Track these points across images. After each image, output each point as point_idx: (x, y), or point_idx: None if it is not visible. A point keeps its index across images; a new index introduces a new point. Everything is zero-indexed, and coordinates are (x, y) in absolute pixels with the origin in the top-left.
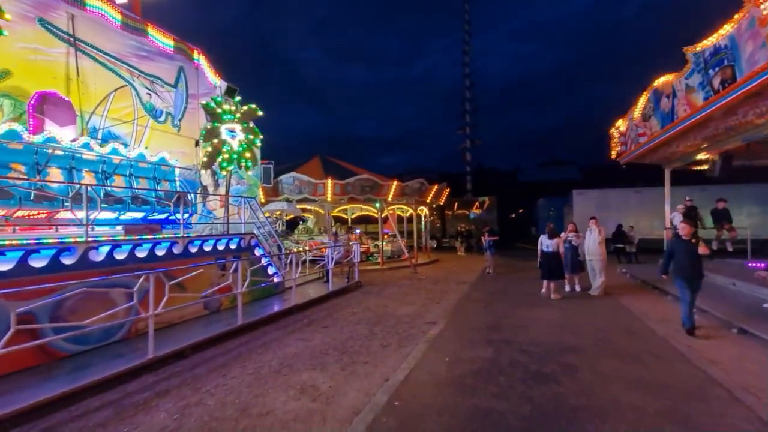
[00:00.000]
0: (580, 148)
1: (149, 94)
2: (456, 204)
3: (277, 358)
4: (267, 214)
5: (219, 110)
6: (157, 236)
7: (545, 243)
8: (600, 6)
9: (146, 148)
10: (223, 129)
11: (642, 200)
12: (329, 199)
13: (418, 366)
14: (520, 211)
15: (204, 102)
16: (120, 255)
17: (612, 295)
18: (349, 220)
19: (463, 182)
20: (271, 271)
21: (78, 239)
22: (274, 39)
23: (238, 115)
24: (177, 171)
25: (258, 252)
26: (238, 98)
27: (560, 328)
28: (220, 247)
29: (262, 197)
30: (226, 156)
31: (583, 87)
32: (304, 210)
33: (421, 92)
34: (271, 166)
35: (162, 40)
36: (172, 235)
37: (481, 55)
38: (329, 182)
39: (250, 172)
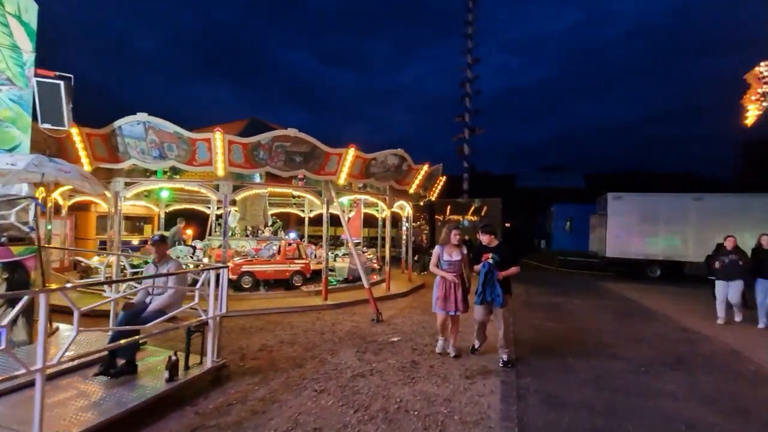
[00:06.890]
0: (575, 158)
1: None
2: (449, 207)
3: None
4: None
5: None
6: None
7: None
8: (589, 25)
9: None
10: None
11: (703, 210)
12: (221, 173)
13: None
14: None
15: None
16: None
17: None
18: (306, 218)
19: (458, 184)
20: None
21: None
22: (265, 40)
23: None
24: None
25: None
26: None
27: None
28: None
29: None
30: None
31: (572, 102)
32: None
33: (408, 101)
34: (62, 83)
35: None
36: None
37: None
38: (218, 137)
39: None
